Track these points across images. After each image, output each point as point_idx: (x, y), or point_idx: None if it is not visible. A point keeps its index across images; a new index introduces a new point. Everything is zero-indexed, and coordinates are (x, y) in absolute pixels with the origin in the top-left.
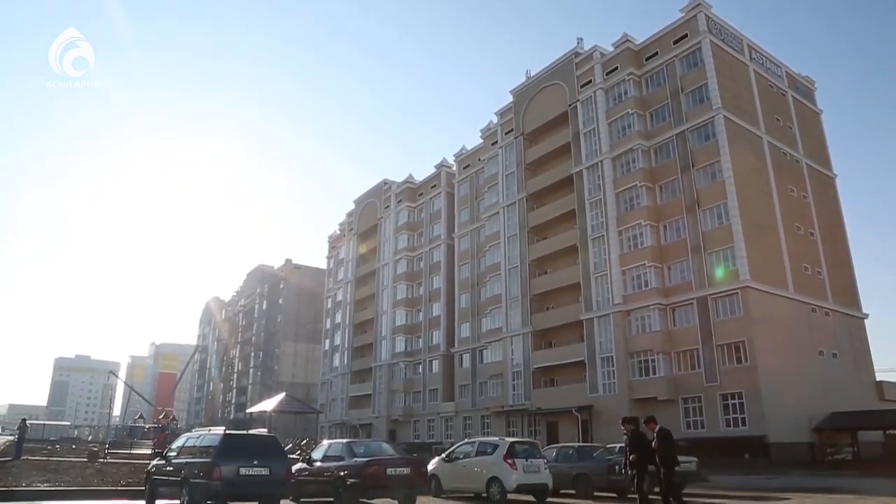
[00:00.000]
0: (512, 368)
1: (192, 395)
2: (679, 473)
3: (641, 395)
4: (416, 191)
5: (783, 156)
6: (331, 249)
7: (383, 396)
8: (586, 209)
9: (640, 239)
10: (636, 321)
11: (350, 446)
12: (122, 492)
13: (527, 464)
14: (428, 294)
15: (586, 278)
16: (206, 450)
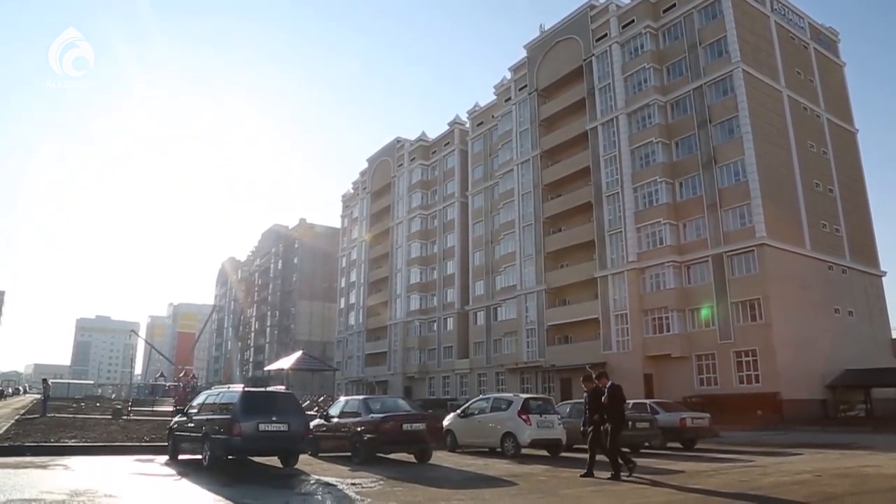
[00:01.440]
0: (526, 326)
1: (210, 354)
2: (640, 434)
3: (655, 353)
4: (430, 149)
5: (803, 110)
6: (345, 208)
7: (399, 354)
8: (601, 166)
9: (655, 196)
10: (650, 279)
11: (366, 402)
12: (146, 447)
13: (541, 419)
14: (442, 252)
15: (600, 236)
16: (225, 407)
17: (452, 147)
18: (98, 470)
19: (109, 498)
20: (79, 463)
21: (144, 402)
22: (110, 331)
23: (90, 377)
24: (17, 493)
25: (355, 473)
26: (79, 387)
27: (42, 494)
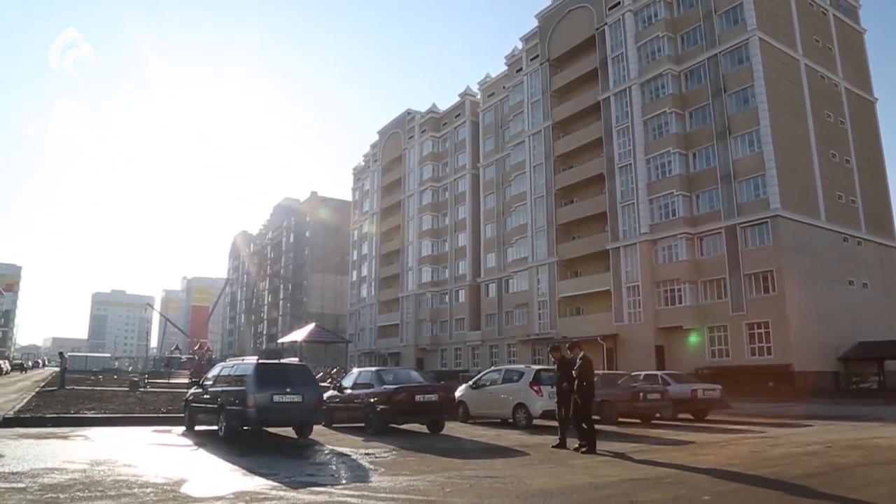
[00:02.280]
0: (538, 297)
1: (224, 327)
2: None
3: (667, 324)
4: (440, 120)
5: (821, 79)
6: (356, 181)
7: (411, 326)
8: (613, 137)
9: (668, 167)
10: (663, 250)
11: (379, 374)
12: (163, 419)
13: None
14: (453, 224)
15: (613, 207)
16: (240, 378)
17: (463, 119)
18: (117, 440)
19: (129, 467)
20: (98, 434)
21: (160, 374)
22: (125, 305)
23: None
24: (40, 462)
25: (369, 444)
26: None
27: (64, 464)
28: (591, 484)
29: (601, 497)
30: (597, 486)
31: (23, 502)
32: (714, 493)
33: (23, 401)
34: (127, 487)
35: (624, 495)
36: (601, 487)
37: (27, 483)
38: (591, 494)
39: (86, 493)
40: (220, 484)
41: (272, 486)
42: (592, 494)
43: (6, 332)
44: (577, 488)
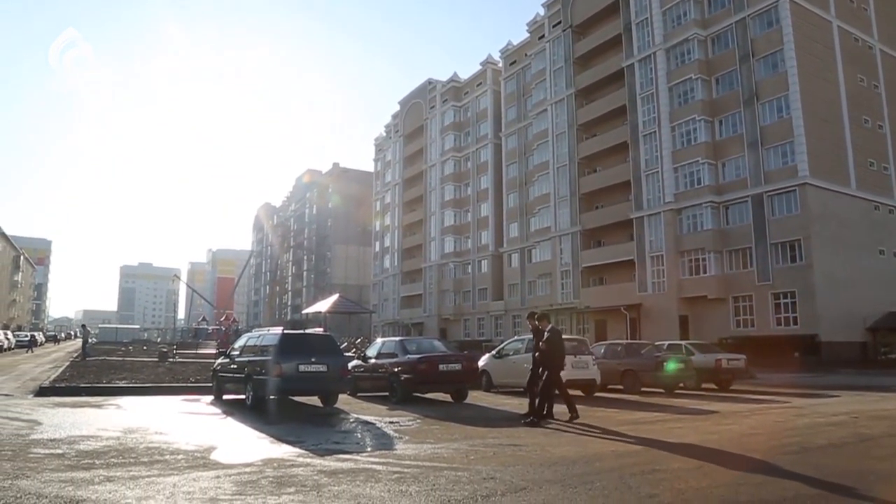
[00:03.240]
0: (560, 267)
1: (249, 298)
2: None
3: (691, 294)
4: (462, 89)
5: (854, 42)
6: (377, 152)
7: (434, 296)
8: (638, 104)
9: (693, 134)
10: (687, 219)
11: (403, 344)
12: (192, 388)
13: (575, 360)
14: (476, 194)
15: (637, 176)
16: (266, 348)
17: (485, 87)
18: (148, 409)
19: (160, 435)
20: (130, 403)
21: (188, 345)
22: (153, 277)
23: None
24: (76, 430)
25: (393, 412)
26: (126, 331)
27: (98, 431)
28: (615, 452)
29: (624, 465)
30: (620, 454)
31: (61, 468)
32: (738, 463)
33: (57, 371)
34: (159, 454)
35: (647, 463)
36: (624, 455)
37: (64, 449)
38: (614, 462)
39: (120, 459)
40: (248, 451)
41: (299, 454)
42: (615, 462)
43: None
44: (599, 456)
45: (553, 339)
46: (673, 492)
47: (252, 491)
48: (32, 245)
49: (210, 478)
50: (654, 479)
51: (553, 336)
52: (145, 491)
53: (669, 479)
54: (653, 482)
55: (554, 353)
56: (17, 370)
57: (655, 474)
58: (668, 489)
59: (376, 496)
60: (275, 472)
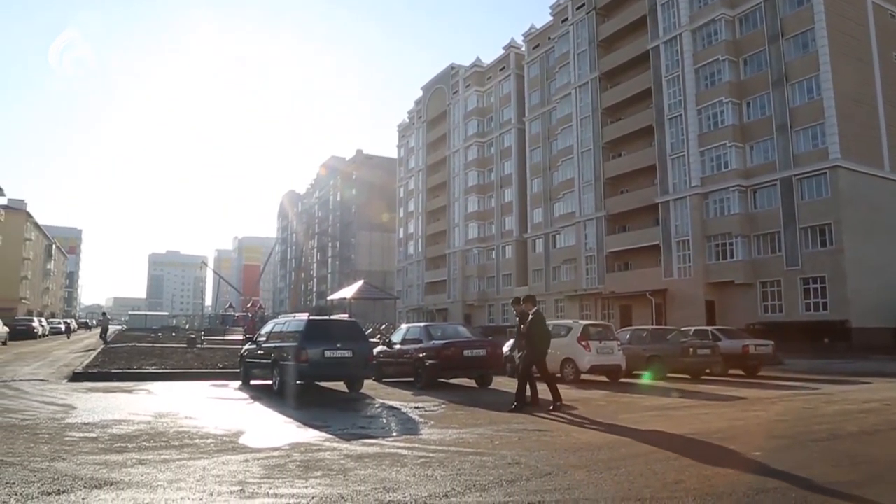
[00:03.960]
0: (585, 253)
1: (275, 285)
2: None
3: (718, 279)
4: (485, 74)
5: (890, 18)
6: (401, 138)
7: (458, 282)
8: (663, 87)
9: (720, 117)
10: (714, 204)
11: (428, 329)
12: (220, 373)
13: (600, 346)
14: (499, 180)
15: (662, 160)
16: (292, 334)
17: (508, 72)
18: (177, 394)
19: (189, 419)
20: (160, 388)
21: (216, 331)
22: (180, 265)
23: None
24: (108, 414)
25: (418, 398)
26: (155, 318)
27: (130, 416)
28: (640, 438)
29: (649, 451)
30: (645, 440)
31: (95, 451)
32: (765, 449)
33: (90, 357)
34: (189, 438)
35: (672, 449)
36: (650, 442)
37: (98, 433)
38: (639, 448)
39: (151, 443)
40: (275, 435)
41: (325, 438)
42: (640, 448)
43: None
44: (624, 442)
45: (537, 321)
46: (699, 478)
47: (280, 474)
48: (64, 234)
49: (239, 461)
50: (679, 465)
51: (537, 319)
52: (176, 474)
53: (695, 465)
54: (678, 468)
55: (537, 336)
56: (52, 356)
57: (681, 460)
58: (695, 475)
59: (402, 480)
60: (302, 456)
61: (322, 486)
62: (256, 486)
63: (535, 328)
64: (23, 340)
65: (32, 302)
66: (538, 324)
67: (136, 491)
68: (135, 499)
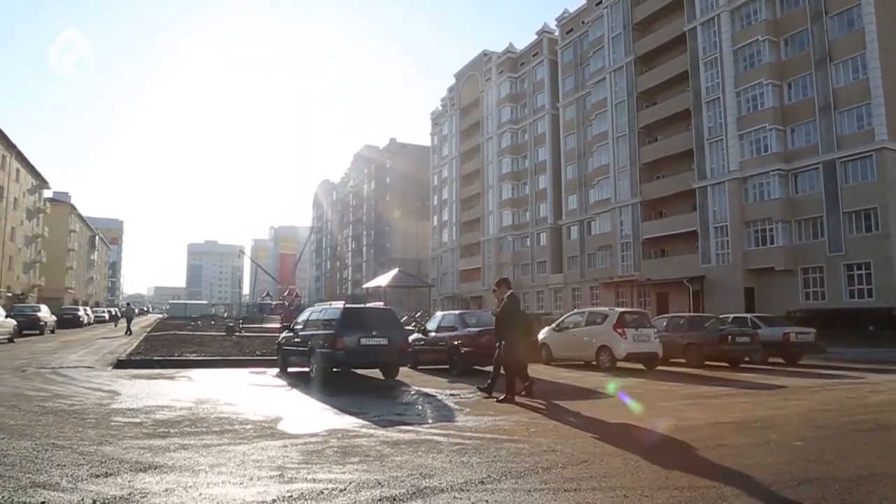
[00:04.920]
0: (621, 239)
1: (311, 274)
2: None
3: (757, 266)
4: (518, 60)
5: None
6: (434, 126)
7: (492, 269)
8: (700, 70)
9: (760, 99)
10: (754, 188)
11: (463, 317)
12: (258, 361)
13: (636, 333)
14: (534, 166)
15: (700, 144)
16: (328, 322)
17: (541, 57)
18: (217, 381)
19: (229, 405)
20: (200, 375)
21: (253, 319)
22: (218, 254)
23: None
24: (151, 400)
25: (453, 385)
26: (195, 306)
27: (172, 402)
28: (677, 426)
29: (687, 440)
30: (683, 428)
31: (140, 435)
32: (806, 439)
33: (133, 345)
34: (229, 424)
35: (711, 438)
36: (687, 430)
37: (142, 418)
38: (677, 437)
39: (193, 428)
40: (313, 422)
41: (362, 425)
42: (678, 437)
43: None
44: (661, 430)
45: (510, 306)
46: (738, 467)
47: (318, 460)
48: (106, 225)
49: (277, 447)
50: (718, 453)
51: (510, 303)
52: (217, 458)
53: (735, 453)
54: (717, 457)
55: (508, 321)
56: (97, 344)
57: (720, 449)
58: (734, 464)
59: (438, 466)
60: (339, 442)
61: (359, 472)
62: (295, 471)
63: (505, 314)
64: (69, 329)
65: (78, 291)
66: (508, 309)
67: (179, 475)
68: (178, 482)
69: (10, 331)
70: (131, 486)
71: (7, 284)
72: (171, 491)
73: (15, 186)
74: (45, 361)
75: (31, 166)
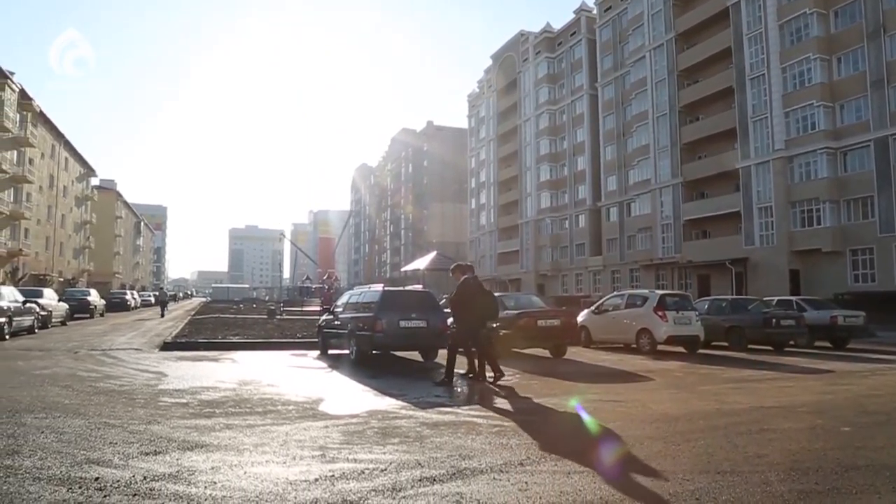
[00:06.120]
0: (661, 221)
1: (350, 257)
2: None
3: (803, 247)
4: (555, 40)
5: None
6: (471, 108)
7: (531, 252)
8: (744, 45)
9: (807, 75)
10: (800, 167)
11: (502, 300)
12: (299, 343)
13: (677, 316)
14: (572, 147)
15: (743, 123)
16: (368, 305)
17: (579, 36)
18: (259, 363)
19: (272, 387)
20: (243, 357)
21: (294, 302)
22: (259, 239)
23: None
24: (196, 381)
25: None
26: (237, 290)
27: (217, 383)
28: (719, 410)
29: (729, 424)
30: (725, 412)
31: (186, 415)
32: (855, 425)
33: (178, 328)
34: (272, 405)
35: (754, 423)
36: (730, 414)
37: (188, 399)
38: (719, 421)
39: (237, 409)
40: (353, 403)
41: (402, 406)
42: (720, 421)
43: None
44: (703, 414)
45: (462, 291)
46: (783, 452)
47: (359, 441)
48: (150, 212)
49: (319, 427)
50: (762, 438)
51: (462, 288)
52: (261, 438)
53: (780, 439)
54: (761, 442)
55: (461, 306)
56: (144, 327)
57: (764, 434)
58: (779, 450)
59: (477, 448)
60: (379, 423)
61: (399, 453)
62: (336, 451)
63: (459, 297)
64: (118, 312)
65: (125, 276)
66: (459, 295)
67: (224, 453)
68: (223, 461)
69: (63, 314)
70: (179, 464)
71: (59, 269)
72: (217, 469)
73: (64, 175)
74: (95, 343)
75: (79, 155)
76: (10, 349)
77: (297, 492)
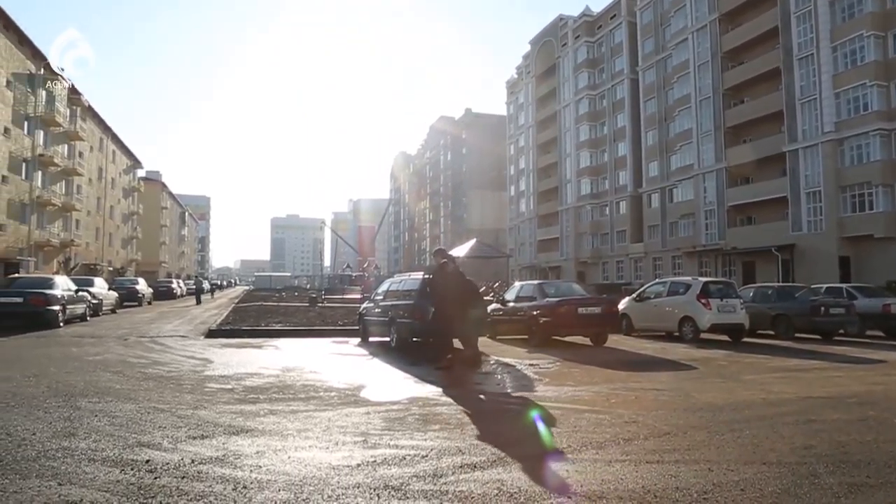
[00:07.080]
0: (704, 207)
1: (390, 245)
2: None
3: (854, 233)
4: (595, 24)
5: None
6: (510, 95)
7: (571, 239)
8: (792, 24)
9: (860, 53)
10: (851, 150)
11: (542, 287)
12: (340, 331)
13: (721, 303)
14: (612, 133)
15: (790, 105)
16: (408, 293)
17: (619, 20)
18: (302, 350)
19: (314, 373)
20: (285, 344)
21: (335, 290)
22: (299, 228)
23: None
24: (241, 368)
25: (532, 355)
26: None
27: (260, 369)
28: (765, 400)
29: (775, 414)
30: (771, 402)
31: (231, 401)
32: None
33: (222, 315)
34: (314, 391)
35: (801, 413)
36: (776, 404)
37: (233, 385)
38: (764, 411)
39: (280, 395)
40: (394, 390)
41: (442, 393)
42: (765, 411)
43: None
44: (748, 404)
45: (436, 276)
46: (832, 444)
47: (400, 427)
48: (194, 202)
49: (361, 414)
50: (809, 429)
51: (435, 275)
52: (304, 424)
53: (828, 430)
54: (808, 433)
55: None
56: (189, 314)
57: (811, 425)
58: (827, 441)
59: (517, 436)
60: (420, 409)
61: (440, 439)
62: (378, 437)
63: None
64: (164, 300)
65: (171, 265)
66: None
67: (268, 438)
68: (268, 445)
69: (113, 302)
70: (225, 448)
71: (108, 259)
72: (262, 454)
73: (112, 167)
74: (144, 331)
75: (126, 147)
76: (64, 336)
77: (339, 476)
